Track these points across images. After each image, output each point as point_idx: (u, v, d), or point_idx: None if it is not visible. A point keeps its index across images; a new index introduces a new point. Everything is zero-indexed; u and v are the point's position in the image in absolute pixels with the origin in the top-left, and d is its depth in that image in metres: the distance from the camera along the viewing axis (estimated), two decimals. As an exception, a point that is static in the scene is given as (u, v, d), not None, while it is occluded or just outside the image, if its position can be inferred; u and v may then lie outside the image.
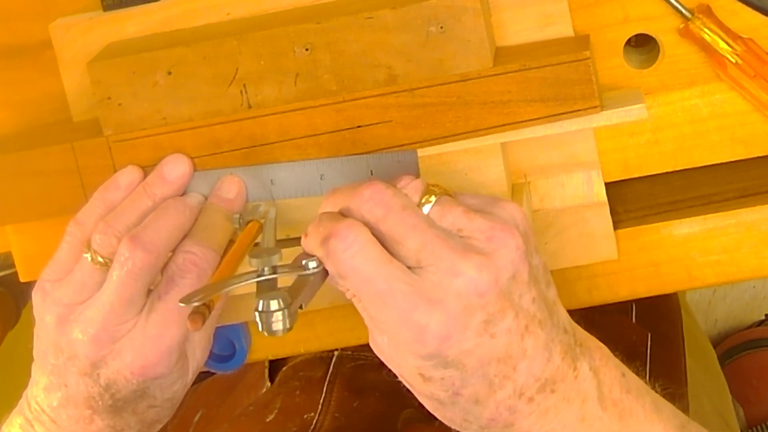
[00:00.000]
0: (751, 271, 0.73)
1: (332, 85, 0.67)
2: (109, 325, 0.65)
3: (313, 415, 0.82)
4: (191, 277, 0.65)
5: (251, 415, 0.85)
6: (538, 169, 0.72)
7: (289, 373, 0.88)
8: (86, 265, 0.66)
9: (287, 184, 0.69)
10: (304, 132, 0.68)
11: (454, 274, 0.56)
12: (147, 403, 0.68)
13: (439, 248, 0.57)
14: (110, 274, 0.65)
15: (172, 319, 0.65)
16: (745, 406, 1.46)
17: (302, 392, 0.85)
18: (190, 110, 0.69)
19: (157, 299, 0.65)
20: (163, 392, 0.68)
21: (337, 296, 0.75)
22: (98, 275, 0.66)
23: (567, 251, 0.72)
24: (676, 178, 0.73)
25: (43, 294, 0.68)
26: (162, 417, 0.70)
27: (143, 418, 0.69)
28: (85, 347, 0.66)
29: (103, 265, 0.66)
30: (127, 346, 0.66)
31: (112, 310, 0.65)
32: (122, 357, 0.66)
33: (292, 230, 0.71)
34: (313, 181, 0.69)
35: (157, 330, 0.65)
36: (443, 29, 0.65)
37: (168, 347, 0.66)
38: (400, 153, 0.67)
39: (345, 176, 0.68)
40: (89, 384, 0.66)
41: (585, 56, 0.65)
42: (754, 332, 1.57)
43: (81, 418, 0.68)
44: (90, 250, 0.66)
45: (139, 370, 0.65)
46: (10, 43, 0.76)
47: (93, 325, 0.65)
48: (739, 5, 0.68)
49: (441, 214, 0.59)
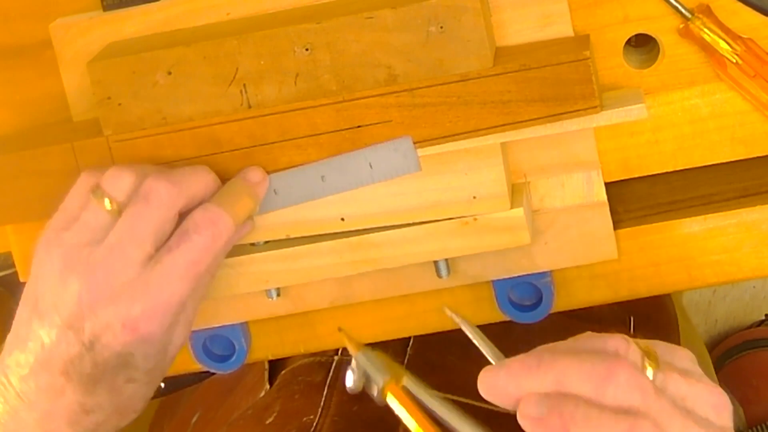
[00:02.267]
0: (751, 271, 0.73)
1: (332, 85, 0.67)
2: (113, 266, 0.63)
3: (312, 418, 0.82)
4: (206, 235, 0.64)
5: (250, 418, 0.85)
6: (538, 169, 0.72)
7: (288, 377, 0.88)
8: (94, 206, 0.64)
9: (290, 192, 0.69)
10: (304, 132, 0.68)
11: None
12: (126, 375, 0.65)
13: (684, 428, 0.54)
14: (126, 210, 0.63)
15: (177, 273, 0.63)
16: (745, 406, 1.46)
17: (302, 396, 0.85)
18: (190, 110, 0.69)
19: (166, 252, 0.64)
20: (146, 361, 0.65)
21: (337, 296, 0.75)
22: (107, 218, 0.64)
23: (567, 251, 0.72)
24: (676, 178, 0.73)
25: (47, 243, 0.65)
26: (135, 404, 0.67)
27: (118, 398, 0.66)
28: (82, 288, 0.63)
29: (113, 211, 0.64)
30: (125, 294, 0.63)
31: (119, 247, 0.63)
32: (117, 305, 0.63)
33: (292, 230, 0.71)
34: (315, 184, 0.69)
35: (159, 283, 0.63)
36: (443, 29, 0.65)
37: (167, 303, 0.63)
38: (395, 142, 0.67)
39: (345, 174, 0.68)
40: (71, 341, 0.64)
41: (585, 56, 0.65)
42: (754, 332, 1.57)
43: (51, 389, 0.65)
44: (100, 192, 0.64)
45: (132, 322, 0.63)
46: (10, 43, 0.76)
47: (95, 265, 0.63)
48: (739, 5, 0.68)
49: (665, 383, 0.55)
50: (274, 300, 0.75)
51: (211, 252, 0.65)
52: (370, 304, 0.76)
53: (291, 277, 0.72)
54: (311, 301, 0.76)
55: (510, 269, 0.73)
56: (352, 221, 0.71)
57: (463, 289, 0.75)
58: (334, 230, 0.71)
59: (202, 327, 0.77)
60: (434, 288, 0.75)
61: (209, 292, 0.71)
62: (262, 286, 0.73)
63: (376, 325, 0.77)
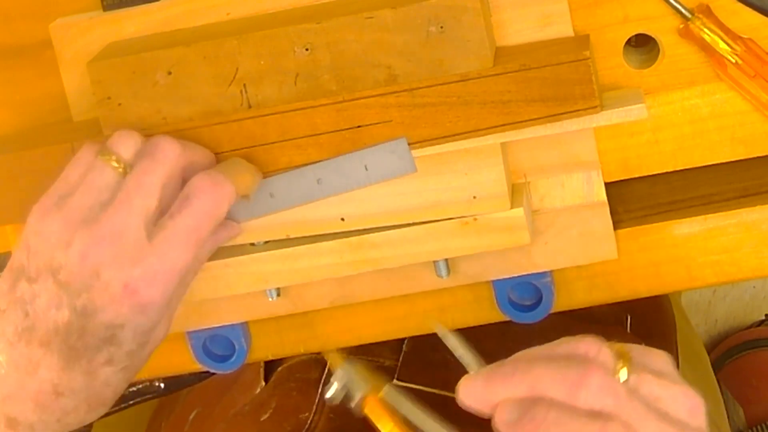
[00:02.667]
0: (751, 271, 0.73)
1: (332, 85, 0.67)
2: (120, 222, 0.62)
3: (308, 415, 0.82)
4: (207, 199, 0.63)
5: (247, 415, 0.85)
6: (538, 169, 0.72)
7: (284, 374, 0.88)
8: (101, 165, 0.64)
9: (286, 194, 0.69)
10: (304, 132, 0.68)
11: None
12: (107, 354, 0.63)
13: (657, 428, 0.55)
14: (134, 167, 0.63)
15: (179, 239, 0.63)
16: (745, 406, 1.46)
17: (298, 393, 0.85)
18: (190, 110, 0.69)
19: (168, 218, 0.63)
20: (131, 339, 0.64)
21: (337, 296, 0.75)
22: (114, 177, 0.63)
23: (567, 251, 0.72)
24: (676, 178, 0.73)
25: (44, 211, 0.64)
26: (106, 394, 0.65)
27: (91, 383, 0.64)
28: (88, 245, 0.62)
29: (119, 171, 0.63)
30: (129, 256, 0.62)
31: (127, 201, 0.62)
32: (121, 266, 0.62)
33: (292, 230, 0.71)
34: (311, 187, 0.69)
35: (162, 247, 0.62)
36: (443, 29, 0.65)
37: (170, 269, 0.63)
38: (391, 144, 0.67)
39: (341, 176, 0.68)
40: (62, 305, 0.62)
41: (585, 56, 0.65)
42: (754, 332, 1.57)
43: (27, 362, 0.63)
44: (107, 151, 0.64)
45: (134, 284, 0.62)
46: (10, 43, 0.76)
47: (102, 222, 0.62)
48: (739, 5, 0.68)
49: (638, 384, 0.56)
50: (274, 300, 0.75)
51: (212, 217, 0.64)
52: (370, 304, 0.76)
53: (291, 277, 0.72)
54: (311, 301, 0.76)
55: (510, 269, 0.73)
56: (352, 221, 0.71)
57: (463, 289, 0.75)
58: (334, 230, 0.71)
59: (202, 327, 0.77)
60: (434, 288, 0.75)
61: (195, 293, 0.71)
62: (262, 286, 0.73)
63: (376, 325, 0.77)
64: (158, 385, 0.88)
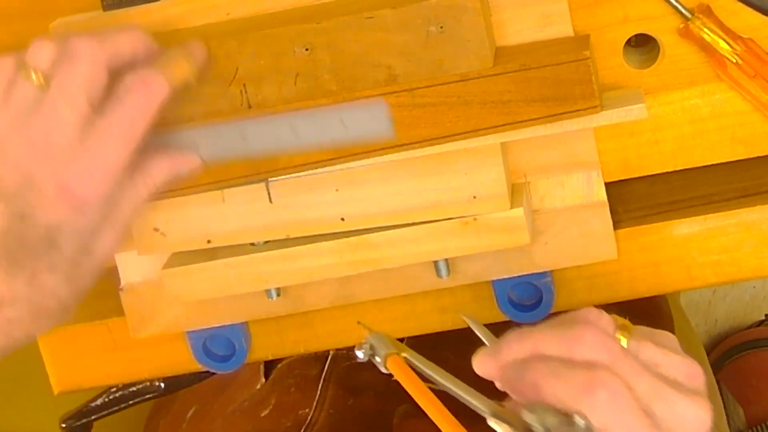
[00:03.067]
0: (751, 271, 0.73)
1: (332, 84, 0.67)
2: (49, 129, 0.62)
3: (307, 412, 0.82)
4: (138, 97, 0.63)
5: (246, 411, 0.86)
6: (538, 169, 0.72)
7: (284, 371, 0.88)
8: (21, 82, 0.63)
9: (259, 139, 0.68)
10: (304, 132, 0.68)
11: (685, 418, 0.55)
12: (49, 260, 0.63)
13: (664, 392, 0.55)
14: (54, 75, 0.63)
15: (111, 136, 0.63)
16: (745, 406, 1.46)
17: (297, 389, 0.85)
18: (190, 110, 0.69)
19: (99, 117, 0.63)
20: (72, 243, 0.64)
21: (337, 296, 0.75)
22: (35, 91, 0.63)
23: (567, 251, 0.72)
24: (676, 178, 0.73)
25: None
26: (51, 305, 0.65)
27: (35, 292, 0.64)
28: (19, 154, 0.63)
29: (40, 84, 0.63)
30: (62, 157, 0.62)
31: (53, 110, 0.62)
32: (54, 167, 0.62)
33: (292, 230, 0.71)
34: (286, 134, 0.67)
35: (94, 145, 0.63)
36: (443, 29, 0.65)
37: (102, 167, 0.63)
38: (368, 101, 0.66)
39: (317, 127, 0.67)
40: (1, 213, 0.62)
41: (585, 56, 0.65)
42: (754, 332, 1.57)
43: None
44: (24, 67, 0.63)
45: (66, 183, 0.62)
46: (10, 43, 0.75)
47: (32, 132, 0.63)
48: (739, 5, 0.68)
49: (637, 349, 0.57)
50: (274, 300, 0.75)
51: (146, 114, 0.64)
52: (370, 304, 0.76)
53: (291, 277, 0.72)
54: (311, 301, 0.76)
55: (510, 269, 0.73)
56: (352, 221, 0.71)
57: (463, 289, 0.75)
58: (334, 230, 0.71)
59: (202, 327, 0.77)
60: (434, 288, 0.75)
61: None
62: (262, 286, 0.73)
63: (375, 325, 0.76)
64: (158, 385, 0.88)
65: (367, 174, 0.70)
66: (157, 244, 0.73)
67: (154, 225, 0.73)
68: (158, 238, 0.73)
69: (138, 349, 0.80)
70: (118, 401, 0.89)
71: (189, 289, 0.73)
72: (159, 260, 0.74)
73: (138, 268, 0.76)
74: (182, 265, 0.73)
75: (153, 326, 0.77)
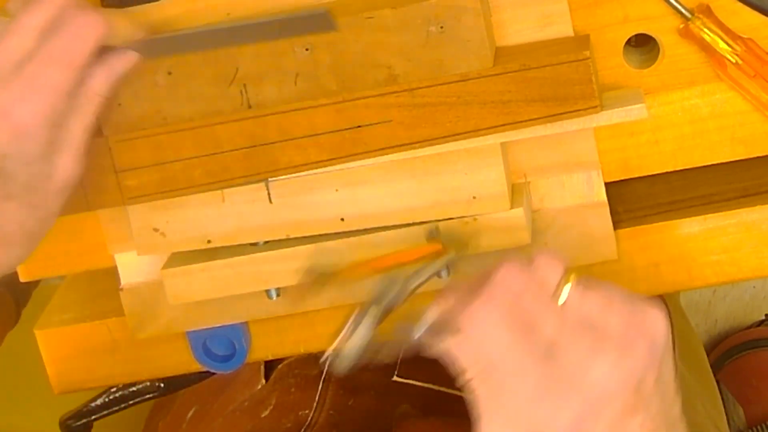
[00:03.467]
0: (751, 271, 0.73)
1: (332, 85, 0.67)
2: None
3: (308, 412, 0.82)
4: (77, 23, 0.63)
5: (246, 411, 0.86)
6: (538, 169, 0.72)
7: (284, 371, 0.88)
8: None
9: (197, 38, 0.68)
10: (304, 132, 0.68)
11: (587, 368, 0.54)
12: (4, 189, 0.64)
13: (573, 339, 0.55)
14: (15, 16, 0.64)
15: (49, 61, 0.63)
16: (745, 406, 1.46)
17: (297, 389, 0.85)
18: (190, 110, 0.69)
19: (38, 46, 0.64)
20: (23, 170, 0.64)
21: (337, 296, 0.75)
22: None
23: (567, 251, 0.72)
24: (676, 178, 0.73)
25: None
26: (13, 230, 0.65)
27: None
28: None
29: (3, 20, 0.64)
30: (2, 83, 0.63)
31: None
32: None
33: (292, 230, 0.71)
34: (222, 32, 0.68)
35: (31, 72, 0.63)
36: (443, 29, 0.65)
37: (40, 89, 0.63)
38: (311, 11, 0.65)
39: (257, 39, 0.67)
40: None
41: (585, 56, 0.65)
42: (754, 332, 1.57)
43: None
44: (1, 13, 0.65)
45: (3, 110, 0.63)
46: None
47: None
48: (739, 5, 0.68)
49: (580, 299, 0.56)
50: (274, 300, 0.75)
51: (83, 39, 0.64)
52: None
53: (291, 277, 0.72)
54: (311, 301, 0.76)
55: (510, 269, 0.73)
56: (352, 221, 0.71)
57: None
58: (334, 230, 0.71)
59: (202, 327, 0.77)
60: (434, 288, 0.74)
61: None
62: (262, 286, 0.73)
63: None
64: (158, 384, 0.88)
65: (367, 174, 0.70)
66: (156, 244, 0.73)
67: (153, 225, 0.73)
68: (158, 238, 0.73)
69: (138, 349, 0.80)
70: (118, 401, 0.89)
71: (189, 289, 0.73)
72: (159, 260, 0.74)
73: (138, 268, 0.76)
74: (182, 266, 0.73)
75: (153, 326, 0.77)
